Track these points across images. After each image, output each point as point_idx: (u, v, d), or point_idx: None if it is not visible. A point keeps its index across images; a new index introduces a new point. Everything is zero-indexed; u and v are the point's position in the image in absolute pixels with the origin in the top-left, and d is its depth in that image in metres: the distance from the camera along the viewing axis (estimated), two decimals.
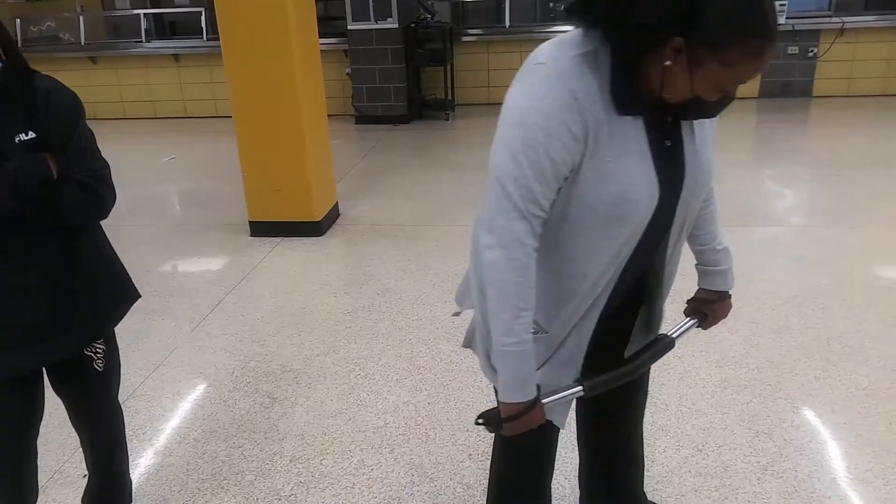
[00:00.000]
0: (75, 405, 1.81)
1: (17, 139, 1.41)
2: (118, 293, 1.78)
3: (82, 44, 8.70)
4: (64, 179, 1.46)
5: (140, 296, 1.86)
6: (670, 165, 1.15)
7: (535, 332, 1.23)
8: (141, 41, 8.64)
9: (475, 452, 2.33)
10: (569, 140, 1.06)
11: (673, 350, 1.44)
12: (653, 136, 1.12)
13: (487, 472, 2.20)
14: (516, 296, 1.12)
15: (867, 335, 2.97)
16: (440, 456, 2.32)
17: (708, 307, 1.50)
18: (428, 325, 3.18)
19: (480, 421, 1.22)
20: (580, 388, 1.26)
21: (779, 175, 5.45)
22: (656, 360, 1.42)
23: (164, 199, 5.52)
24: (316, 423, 2.52)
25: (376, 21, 7.46)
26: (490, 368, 1.25)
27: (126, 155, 7.04)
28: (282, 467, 2.29)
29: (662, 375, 2.70)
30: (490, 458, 1.66)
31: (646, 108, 1.09)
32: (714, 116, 1.15)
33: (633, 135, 1.10)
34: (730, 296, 1.53)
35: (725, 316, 1.53)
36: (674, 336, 1.43)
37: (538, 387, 1.22)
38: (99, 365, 1.73)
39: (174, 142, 7.50)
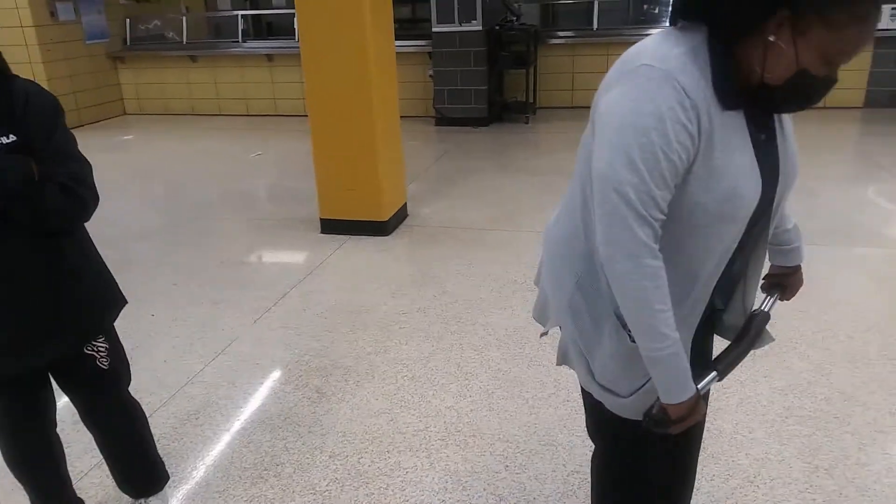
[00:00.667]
0: (84, 405, 1.85)
1: None
2: (104, 300, 1.78)
3: (184, 43, 9.20)
4: (45, 181, 1.47)
5: (127, 302, 1.84)
6: (768, 158, 1.16)
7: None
8: (237, 41, 9.04)
9: (512, 464, 2.30)
10: (685, 139, 1.05)
11: (734, 373, 1.37)
12: (752, 129, 1.13)
13: (521, 485, 2.19)
14: (656, 300, 1.11)
15: None
16: (476, 465, 2.30)
17: (785, 280, 1.52)
18: (480, 332, 3.16)
19: (646, 421, 1.22)
20: (714, 372, 1.26)
21: (877, 192, 5.08)
22: (760, 335, 1.39)
23: (245, 194, 5.75)
24: (359, 420, 2.56)
25: (461, 23, 7.50)
26: (593, 383, 1.34)
27: (218, 150, 7.42)
28: (321, 462, 2.34)
29: (720, 399, 2.57)
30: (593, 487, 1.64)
31: (746, 103, 1.10)
32: (815, 102, 1.11)
33: (736, 129, 1.10)
34: (801, 272, 1.55)
35: (801, 286, 1.55)
36: (765, 310, 1.42)
37: None
38: (103, 363, 1.76)
39: (263, 138, 7.81)
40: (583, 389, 1.45)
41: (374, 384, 2.79)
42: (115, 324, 1.84)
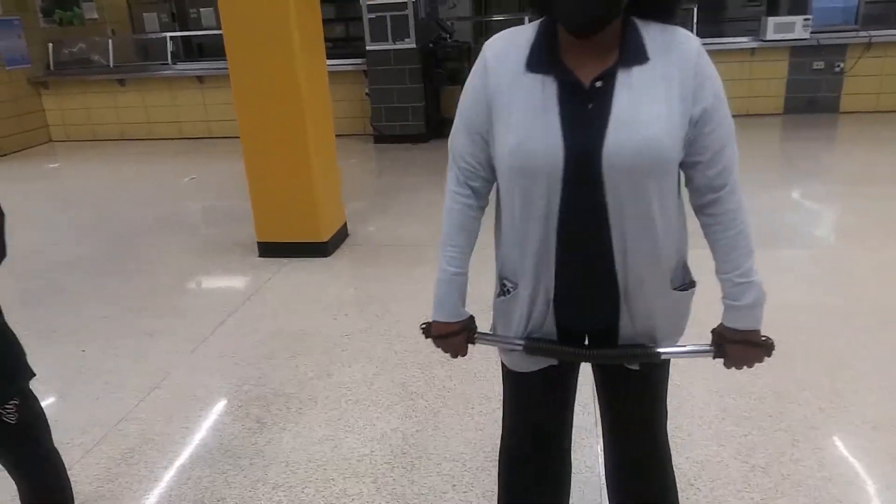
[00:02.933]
0: (4, 463, 1.76)
1: None
2: (9, 372, 1.68)
3: (111, 66, 8.94)
4: None
5: (35, 374, 1.73)
6: (587, 125, 1.20)
7: (505, 292, 1.41)
8: (167, 63, 8.84)
9: (459, 483, 2.28)
10: (477, 95, 1.29)
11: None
12: (568, 97, 1.20)
13: None
14: (447, 235, 1.40)
15: (877, 362, 2.86)
16: (423, 486, 2.28)
17: (722, 341, 1.38)
18: (424, 349, 3.15)
19: (422, 327, 1.48)
20: (521, 341, 1.40)
21: (802, 195, 5.32)
22: (625, 360, 1.42)
23: (180, 219, 5.60)
24: (302, 449, 2.50)
25: (394, 41, 7.53)
26: None
27: (150, 175, 7.22)
28: (263, 495, 2.28)
29: None
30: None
31: (559, 71, 1.21)
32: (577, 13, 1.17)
33: (541, 92, 1.21)
34: (754, 342, 1.35)
35: (747, 363, 1.38)
36: (662, 351, 1.37)
37: (472, 328, 1.45)
38: (10, 418, 1.66)
39: (197, 161, 7.64)
40: None
41: (317, 410, 2.74)
42: (35, 370, 1.74)
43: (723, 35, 8.35)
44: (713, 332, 1.40)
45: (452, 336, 1.43)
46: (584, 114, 1.20)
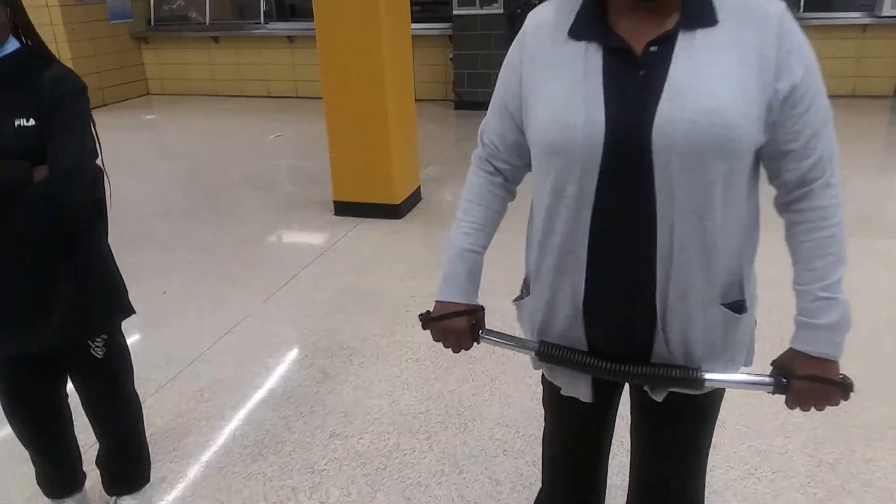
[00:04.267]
0: (80, 391, 1.86)
1: (16, 123, 1.46)
2: (109, 307, 1.76)
3: (207, 24, 9.24)
4: (25, 195, 1.47)
5: (134, 311, 1.82)
6: (636, 94, 1.03)
7: (519, 296, 1.31)
8: (259, 22, 9.05)
9: (510, 449, 2.30)
10: (509, 72, 1.19)
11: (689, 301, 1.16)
12: (615, 63, 1.05)
13: (517, 470, 2.19)
14: (463, 210, 1.29)
15: None
16: (475, 448, 2.31)
17: (784, 371, 1.12)
18: (489, 316, 3.14)
19: (421, 316, 1.31)
20: (535, 343, 1.21)
21: None
22: (659, 383, 1.15)
23: (263, 175, 5.79)
24: (361, 402, 2.57)
25: (481, 6, 7.43)
26: None
27: (238, 131, 7.47)
28: (320, 441, 2.36)
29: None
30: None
31: (607, 36, 1.07)
32: None
33: (583, 60, 1.07)
34: (828, 378, 1.09)
35: (816, 404, 1.11)
36: (708, 378, 1.11)
37: (479, 318, 1.28)
38: (98, 352, 1.74)
39: (282, 120, 7.84)
40: None
41: (379, 366, 2.80)
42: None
43: (832, 9, 7.78)
44: (775, 362, 1.15)
45: (454, 319, 1.24)
46: (634, 82, 1.04)
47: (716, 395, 1.26)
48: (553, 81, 1.09)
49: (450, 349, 1.28)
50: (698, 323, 1.11)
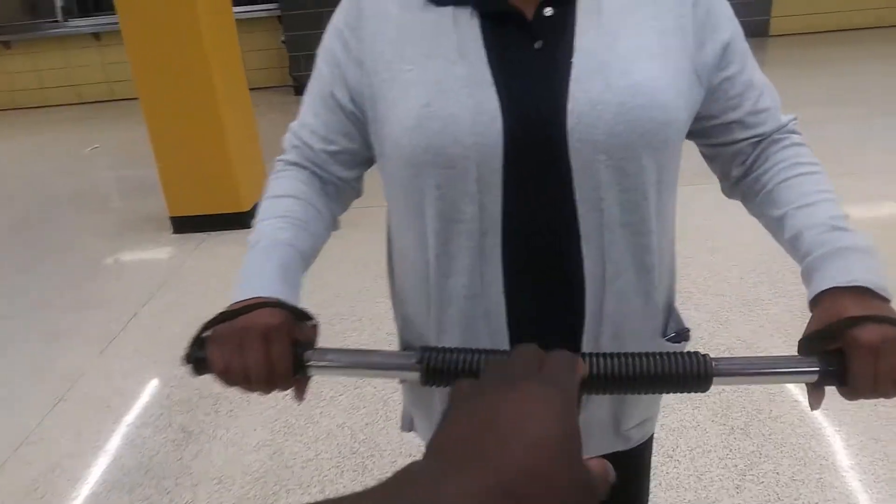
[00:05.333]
0: None
1: None
2: None
3: None
4: None
5: None
6: (536, 74, 0.78)
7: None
8: (57, 20, 7.98)
9: None
10: (338, 50, 0.85)
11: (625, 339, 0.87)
12: (500, 34, 0.78)
13: None
14: (262, 209, 0.90)
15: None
16: None
17: (838, 339, 0.70)
18: (368, 327, 2.86)
19: (188, 352, 0.76)
20: (416, 354, 0.70)
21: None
22: (659, 387, 0.67)
23: (83, 195, 5.05)
24: (236, 460, 2.19)
25: None
26: None
27: (46, 147, 6.53)
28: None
29: None
30: None
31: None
32: None
33: (454, 31, 0.78)
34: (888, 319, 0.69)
35: (869, 361, 0.67)
36: (719, 368, 0.67)
37: (304, 331, 0.77)
38: None
39: (100, 128, 6.97)
40: None
41: (251, 411, 2.42)
42: None
43: None
44: (805, 339, 0.73)
45: (256, 312, 0.73)
46: (530, 57, 0.78)
47: (648, 443, 1.08)
48: (413, 64, 0.79)
49: (254, 389, 0.74)
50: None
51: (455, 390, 0.41)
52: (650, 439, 1.08)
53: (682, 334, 0.95)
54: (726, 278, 2.98)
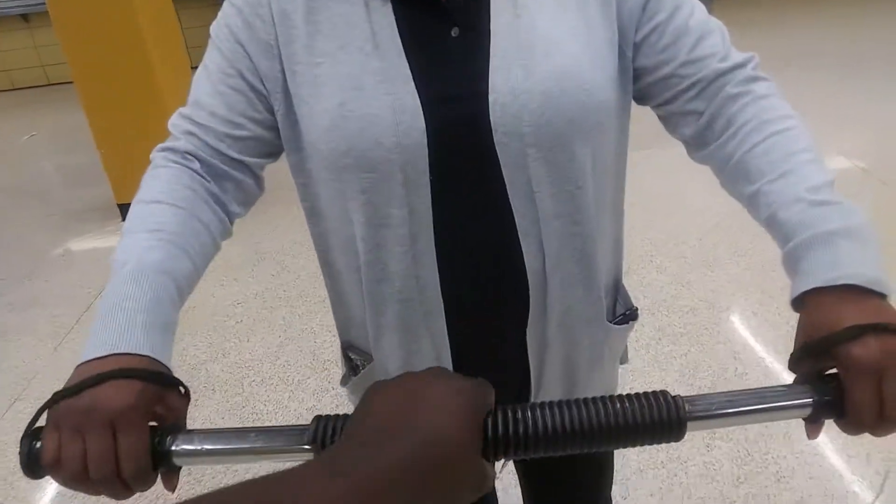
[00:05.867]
0: None
1: None
2: None
3: None
4: None
5: None
6: (455, 63, 0.73)
7: (354, 369, 0.93)
8: None
9: None
10: (246, 24, 0.75)
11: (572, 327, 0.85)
12: (414, 22, 0.73)
13: None
14: (134, 214, 0.77)
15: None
16: None
17: (828, 356, 0.58)
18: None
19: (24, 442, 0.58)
20: (310, 431, 0.56)
21: None
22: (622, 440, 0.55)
23: (22, 187, 4.82)
24: None
25: None
26: None
27: None
28: None
29: None
30: None
31: None
32: None
33: (366, 21, 0.72)
34: (886, 326, 0.56)
35: (860, 371, 0.55)
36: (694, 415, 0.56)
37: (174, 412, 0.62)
38: None
39: (35, 114, 6.63)
40: None
41: (217, 399, 2.36)
42: None
43: None
44: (795, 357, 0.62)
45: (109, 385, 0.57)
46: (449, 45, 0.73)
47: None
48: (325, 57, 0.72)
49: (100, 492, 0.57)
50: (583, 349, 0.87)
51: (373, 385, 0.46)
52: None
53: (630, 314, 0.94)
54: (686, 240, 3.02)
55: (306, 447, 0.56)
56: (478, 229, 0.78)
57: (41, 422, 0.59)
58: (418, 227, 0.75)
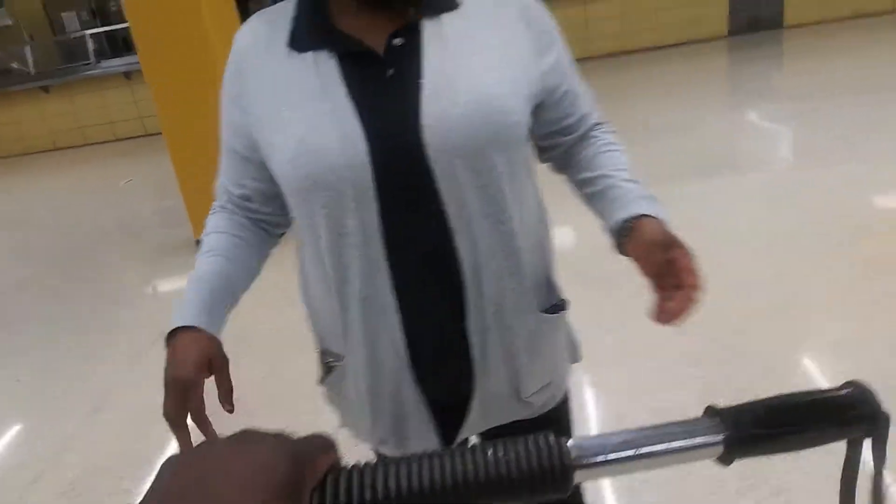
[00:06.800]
0: None
1: None
2: None
3: (32, 73, 8.52)
4: None
5: None
6: (392, 99, 0.90)
7: (329, 369, 1.06)
8: (90, 62, 8.44)
9: None
10: (230, 106, 0.99)
11: (505, 316, 0.98)
12: (355, 69, 0.90)
13: None
14: (202, 247, 1.07)
15: (838, 283, 2.80)
16: None
17: (652, 249, 0.90)
18: None
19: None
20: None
21: (752, 118, 5.22)
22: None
23: (119, 227, 5.37)
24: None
25: None
26: None
27: (86, 183, 6.92)
28: None
29: (597, 351, 2.54)
30: None
31: (336, 40, 0.91)
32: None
33: (315, 74, 0.90)
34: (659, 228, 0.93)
35: (662, 243, 0.89)
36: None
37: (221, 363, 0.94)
38: None
39: (133, 162, 7.34)
40: None
41: (273, 412, 2.60)
42: None
43: None
44: (639, 262, 0.92)
45: (182, 348, 0.90)
46: (385, 85, 0.90)
47: (562, 408, 1.17)
48: (287, 107, 0.92)
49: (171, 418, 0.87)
50: (521, 337, 1.00)
51: (167, 459, 0.37)
52: (564, 404, 1.17)
53: (560, 306, 1.08)
54: (722, 263, 3.06)
55: None
56: (420, 233, 0.93)
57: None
58: (370, 235, 0.91)
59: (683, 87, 6.17)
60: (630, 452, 0.48)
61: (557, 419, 1.16)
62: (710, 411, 0.50)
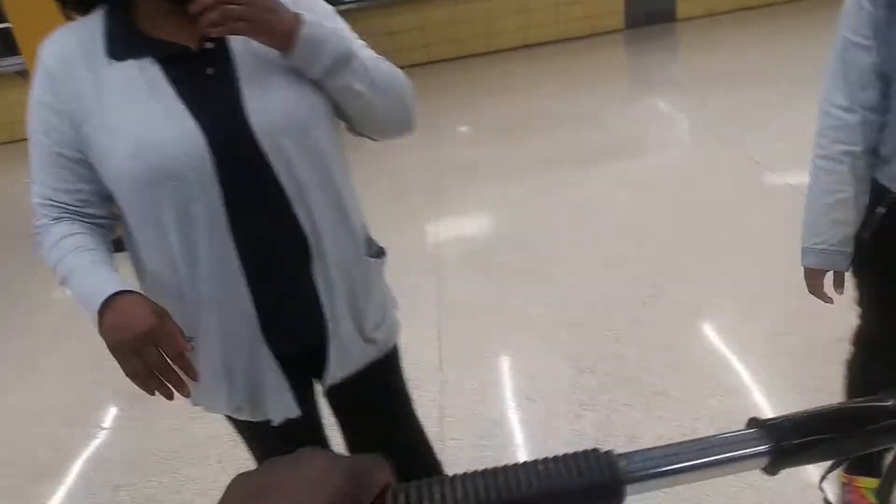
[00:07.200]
0: None
1: None
2: None
3: None
4: None
5: None
6: (218, 93, 1.03)
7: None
8: None
9: None
10: (49, 116, 1.02)
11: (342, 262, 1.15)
12: (179, 70, 1.01)
13: None
14: (64, 268, 1.06)
15: (696, 255, 3.07)
16: None
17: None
18: None
19: None
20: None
21: (650, 106, 5.44)
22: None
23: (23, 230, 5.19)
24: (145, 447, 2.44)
25: None
26: None
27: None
28: (105, 499, 2.22)
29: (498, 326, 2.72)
30: None
31: (154, 46, 1.01)
32: None
33: (141, 79, 1.00)
34: None
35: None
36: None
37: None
38: None
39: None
40: None
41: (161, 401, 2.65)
42: None
43: None
44: None
45: (128, 307, 0.97)
46: (209, 82, 1.03)
47: (396, 352, 1.34)
48: (118, 111, 1.00)
49: (151, 382, 0.99)
50: (357, 280, 1.18)
51: (234, 478, 0.39)
52: (396, 349, 1.35)
53: (382, 251, 1.29)
54: (595, 243, 3.28)
55: None
56: (262, 206, 1.06)
57: None
58: (215, 217, 1.02)
59: (584, 78, 6.43)
60: (678, 465, 0.50)
61: (397, 356, 1.35)
62: (755, 422, 0.52)
